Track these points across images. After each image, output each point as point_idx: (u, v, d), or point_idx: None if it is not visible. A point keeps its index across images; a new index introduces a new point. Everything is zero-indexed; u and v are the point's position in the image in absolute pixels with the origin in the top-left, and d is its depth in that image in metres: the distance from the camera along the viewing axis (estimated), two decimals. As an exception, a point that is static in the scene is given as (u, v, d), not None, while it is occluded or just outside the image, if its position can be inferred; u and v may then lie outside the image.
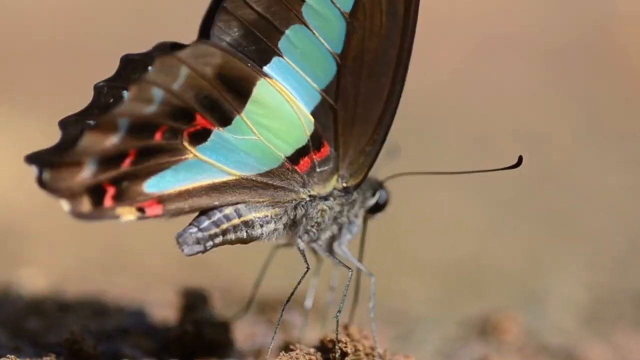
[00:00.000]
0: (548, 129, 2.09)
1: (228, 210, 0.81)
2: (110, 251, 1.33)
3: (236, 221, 0.81)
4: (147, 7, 2.49)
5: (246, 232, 0.81)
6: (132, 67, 0.78)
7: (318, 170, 0.82)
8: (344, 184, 0.84)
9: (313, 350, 0.82)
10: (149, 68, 0.77)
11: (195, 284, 0.97)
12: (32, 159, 0.77)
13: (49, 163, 0.76)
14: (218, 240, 0.81)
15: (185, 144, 0.79)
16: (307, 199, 0.83)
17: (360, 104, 0.82)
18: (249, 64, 0.80)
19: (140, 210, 0.79)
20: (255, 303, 1.07)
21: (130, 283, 1.20)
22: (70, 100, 2.10)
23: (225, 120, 0.79)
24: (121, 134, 0.77)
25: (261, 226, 0.82)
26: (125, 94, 0.77)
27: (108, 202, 0.77)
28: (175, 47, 0.78)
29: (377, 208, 0.86)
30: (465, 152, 1.94)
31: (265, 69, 0.81)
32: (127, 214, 0.78)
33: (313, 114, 0.82)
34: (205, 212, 0.81)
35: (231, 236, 0.81)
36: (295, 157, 0.82)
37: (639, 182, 1.81)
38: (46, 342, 0.89)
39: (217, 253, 0.84)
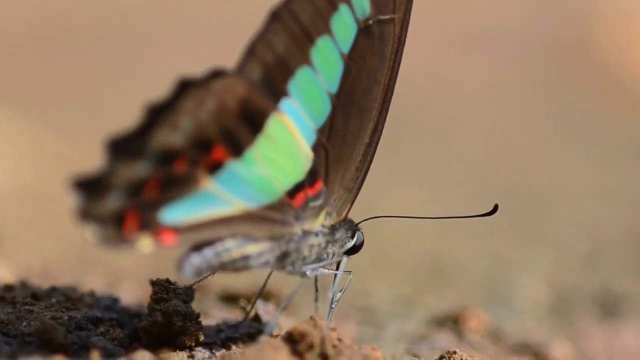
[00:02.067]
0: (514, 128, 2.10)
1: (230, 243, 0.83)
2: (84, 247, 1.33)
3: (236, 253, 0.83)
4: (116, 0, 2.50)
5: (242, 263, 0.84)
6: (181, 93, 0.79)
7: (310, 205, 0.85)
8: (331, 221, 0.87)
9: (281, 342, 0.83)
10: (182, 97, 0.78)
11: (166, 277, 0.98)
12: (78, 185, 0.77)
13: (87, 191, 0.77)
14: (215, 269, 0.83)
15: (202, 174, 0.80)
16: (300, 233, 0.85)
17: (346, 142, 0.86)
18: (266, 98, 0.82)
19: (157, 239, 0.80)
20: (225, 295, 1.08)
21: (102, 278, 1.20)
22: (40, 94, 2.10)
23: (237, 152, 0.81)
24: (149, 161, 0.78)
25: (256, 258, 0.84)
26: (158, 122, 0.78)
27: (129, 229, 0.79)
28: (214, 75, 0.80)
29: (353, 250, 0.89)
30: (428, 148, 1.95)
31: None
32: (145, 242, 0.79)
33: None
34: (208, 241, 0.82)
35: (227, 266, 0.83)
36: (293, 192, 0.84)
37: (603, 182, 1.83)
38: (17, 332, 0.89)
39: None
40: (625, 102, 2.31)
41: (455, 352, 0.93)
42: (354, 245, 0.89)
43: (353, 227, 0.89)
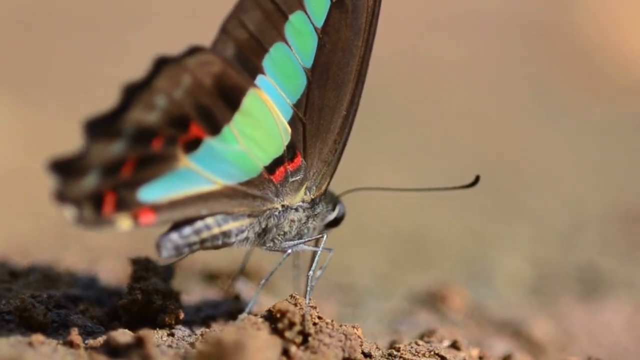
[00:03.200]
0: (494, 107, 2.11)
1: (210, 220, 0.83)
2: (62, 225, 1.33)
3: (216, 231, 0.83)
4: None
5: (222, 240, 0.84)
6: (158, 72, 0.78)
7: (290, 180, 0.85)
8: (311, 196, 0.87)
9: (261, 320, 0.83)
10: (157, 76, 0.78)
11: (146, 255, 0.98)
12: (55, 167, 0.77)
13: (64, 173, 0.77)
14: (195, 247, 0.83)
15: (179, 152, 0.80)
16: (280, 208, 0.86)
17: (323, 115, 0.86)
18: (242, 74, 0.82)
19: (135, 218, 0.80)
20: (205, 273, 1.08)
21: (80, 255, 1.20)
22: (22, 74, 2.09)
23: (215, 129, 0.81)
24: (124, 142, 0.78)
25: (236, 235, 0.84)
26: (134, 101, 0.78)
27: (107, 210, 0.78)
28: (190, 52, 0.79)
29: (335, 222, 0.89)
30: (409, 127, 1.95)
31: None
32: (124, 222, 0.79)
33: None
34: (187, 219, 0.82)
35: (207, 244, 0.83)
36: (272, 167, 0.84)
37: (582, 160, 1.83)
38: (-4, 310, 0.89)
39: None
40: (604, 82, 2.32)
41: (436, 330, 0.93)
42: (335, 218, 0.89)
43: (334, 200, 0.89)
